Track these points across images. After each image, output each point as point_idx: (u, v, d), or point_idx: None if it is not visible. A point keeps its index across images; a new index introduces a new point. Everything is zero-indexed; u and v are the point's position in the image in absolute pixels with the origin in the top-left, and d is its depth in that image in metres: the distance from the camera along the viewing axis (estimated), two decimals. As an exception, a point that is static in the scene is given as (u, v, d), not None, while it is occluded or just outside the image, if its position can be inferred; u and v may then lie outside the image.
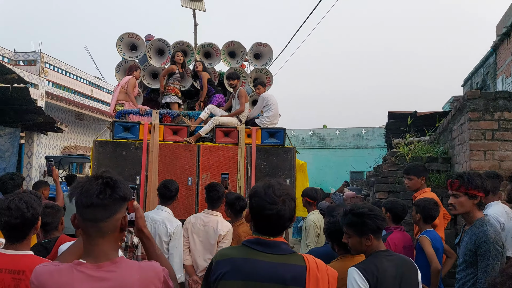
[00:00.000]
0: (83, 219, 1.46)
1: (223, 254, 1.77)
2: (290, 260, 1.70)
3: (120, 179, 1.52)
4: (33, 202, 2.07)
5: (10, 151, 6.27)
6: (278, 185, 1.77)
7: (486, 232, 2.54)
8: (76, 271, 1.41)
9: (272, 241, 1.73)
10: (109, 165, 5.22)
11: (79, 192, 1.45)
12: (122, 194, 1.48)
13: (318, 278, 1.68)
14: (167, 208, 3.67)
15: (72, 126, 16.05)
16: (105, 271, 1.42)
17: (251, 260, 1.68)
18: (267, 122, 5.97)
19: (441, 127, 6.10)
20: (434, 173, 5.37)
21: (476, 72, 14.00)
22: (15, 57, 13.58)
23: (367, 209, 2.34)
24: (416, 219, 3.56)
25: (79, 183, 1.48)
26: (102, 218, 1.44)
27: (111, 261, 1.45)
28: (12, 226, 2.00)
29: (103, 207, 1.44)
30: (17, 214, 2.00)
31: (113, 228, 1.47)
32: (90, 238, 1.46)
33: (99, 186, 1.44)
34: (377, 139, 23.39)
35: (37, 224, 2.10)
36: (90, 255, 1.46)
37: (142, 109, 5.95)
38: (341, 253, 2.68)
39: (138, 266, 1.51)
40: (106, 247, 1.46)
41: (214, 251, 3.74)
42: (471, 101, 4.53)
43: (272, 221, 1.72)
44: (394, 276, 2.19)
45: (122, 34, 6.75)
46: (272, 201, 1.71)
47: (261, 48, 7.11)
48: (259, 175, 5.50)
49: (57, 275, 1.41)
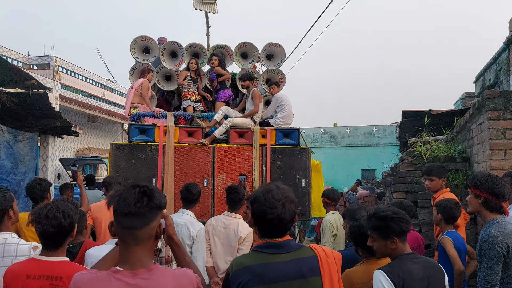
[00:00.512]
0: (121, 227, 1.49)
1: (238, 263, 1.78)
2: (301, 254, 1.78)
3: (156, 188, 1.56)
4: (70, 211, 2.10)
5: (29, 155, 6.35)
6: (277, 189, 1.83)
7: (488, 233, 2.57)
8: (114, 278, 1.44)
9: (281, 241, 1.80)
10: (126, 168, 5.27)
11: (117, 201, 1.49)
12: (158, 202, 1.52)
13: (329, 263, 1.79)
14: (189, 211, 3.68)
15: (85, 128, 16.22)
16: (141, 278, 1.45)
17: (268, 265, 1.73)
18: (281, 123, 5.96)
19: (458, 126, 6.03)
20: (453, 172, 5.31)
21: (488, 68, 13.82)
22: (29, 62, 13.76)
23: (391, 212, 2.32)
24: (437, 220, 3.53)
25: (117, 192, 1.51)
26: (139, 226, 1.47)
27: (146, 268, 1.48)
28: (49, 235, 2.03)
29: (140, 215, 1.47)
30: (55, 223, 2.03)
31: (148, 236, 1.50)
32: (126, 246, 1.49)
33: (136, 195, 1.48)
34: (388, 137, 23.22)
35: (73, 232, 2.13)
36: (126, 262, 1.48)
37: (157, 112, 5.99)
38: (365, 256, 2.66)
39: (172, 273, 1.53)
40: (141, 254, 1.49)
41: (235, 253, 3.75)
42: (491, 100, 4.47)
43: (274, 224, 1.78)
44: (421, 279, 2.17)
45: (136, 38, 6.80)
46: (272, 206, 1.77)
47: (273, 49, 7.11)
48: (274, 175, 5.50)
49: (96, 283, 1.44)
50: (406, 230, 2.34)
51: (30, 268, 1.99)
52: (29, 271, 1.98)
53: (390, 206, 2.58)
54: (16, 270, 2.00)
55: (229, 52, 7.12)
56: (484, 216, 2.71)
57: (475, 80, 15.62)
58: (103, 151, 16.53)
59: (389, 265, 2.27)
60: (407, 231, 2.35)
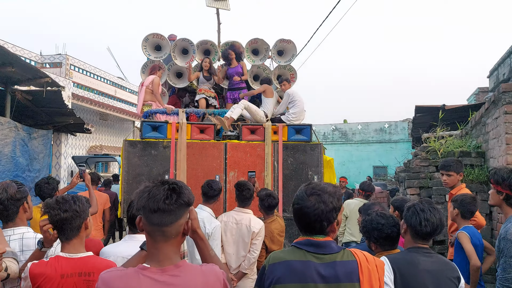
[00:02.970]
0: (150, 224, 1.49)
1: (277, 257, 1.75)
2: (341, 257, 1.71)
3: (184, 185, 1.55)
4: (81, 198, 2.12)
5: (43, 153, 6.42)
6: (316, 185, 1.79)
7: (507, 230, 2.53)
8: (142, 276, 1.44)
9: (322, 241, 1.73)
10: (138, 164, 5.30)
11: (146, 197, 1.48)
12: (187, 199, 1.52)
13: (369, 270, 1.70)
14: (208, 208, 3.69)
15: (97, 126, 16.36)
16: (170, 275, 1.46)
17: (306, 263, 1.68)
18: (293, 119, 5.94)
19: (473, 121, 5.94)
20: (468, 168, 5.23)
21: (502, 63, 13.56)
22: (41, 60, 13.90)
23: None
24: (453, 215, 3.48)
25: (146, 188, 1.51)
26: (168, 223, 1.48)
27: (174, 265, 1.49)
28: (63, 220, 2.02)
29: (169, 212, 1.47)
30: (65, 206, 2.02)
31: (176, 233, 1.51)
32: (155, 243, 1.50)
33: (165, 192, 1.48)
34: (400, 133, 23.03)
35: (86, 220, 2.12)
36: (154, 259, 1.49)
37: (168, 109, 6.00)
38: (378, 251, 2.65)
39: (200, 270, 1.53)
40: (169, 251, 1.50)
41: (248, 248, 3.76)
42: (507, 93, 4.39)
43: (307, 220, 1.73)
44: (427, 271, 2.17)
45: (147, 35, 6.82)
46: (301, 197, 1.75)
47: (284, 45, 7.08)
48: (286, 172, 5.49)
49: (124, 280, 1.44)
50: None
51: (62, 268, 1.98)
52: (63, 271, 1.97)
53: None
54: (48, 272, 1.97)
55: (240, 48, 7.10)
56: (505, 211, 2.67)
57: (489, 74, 15.36)
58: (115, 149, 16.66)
59: (396, 254, 2.35)
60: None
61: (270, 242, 3.95)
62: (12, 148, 5.53)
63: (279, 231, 4.02)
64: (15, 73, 5.25)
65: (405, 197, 3.76)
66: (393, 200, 3.71)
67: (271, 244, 3.95)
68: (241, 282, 3.77)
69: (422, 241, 2.30)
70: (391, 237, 2.58)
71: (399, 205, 3.47)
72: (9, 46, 11.71)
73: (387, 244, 2.60)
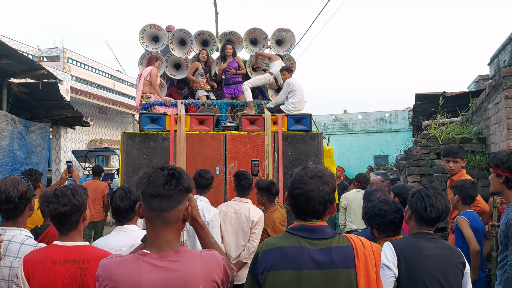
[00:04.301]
0: (149, 209, 1.49)
1: (269, 244, 1.70)
2: (336, 242, 1.66)
3: (183, 171, 1.56)
4: (79, 189, 2.08)
5: (41, 146, 6.38)
6: (314, 167, 1.75)
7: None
8: (141, 261, 1.45)
9: (317, 226, 1.68)
10: (137, 157, 5.27)
11: (145, 183, 1.49)
12: (186, 185, 1.52)
13: (365, 255, 1.65)
14: (203, 197, 3.68)
15: (96, 119, 16.31)
16: (169, 260, 1.46)
17: (299, 249, 1.63)
18: (292, 109, 5.91)
19: (473, 107, 5.90)
20: (469, 154, 5.21)
21: (503, 50, 13.47)
22: (39, 54, 13.81)
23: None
24: (454, 201, 3.46)
25: (145, 174, 1.51)
26: (167, 208, 1.48)
27: (174, 251, 1.49)
28: (61, 214, 1.99)
29: (169, 197, 1.47)
30: (64, 200, 1.99)
31: (176, 219, 1.51)
32: (154, 228, 1.50)
33: (165, 177, 1.48)
34: (400, 123, 22.97)
35: (85, 213, 2.09)
36: (154, 245, 1.50)
37: (167, 100, 5.97)
38: (381, 237, 2.65)
39: (200, 255, 1.54)
40: (169, 237, 1.50)
41: (247, 238, 3.75)
42: (508, 78, 4.35)
43: (300, 201, 1.68)
44: (431, 256, 2.15)
45: (144, 26, 6.75)
46: (302, 181, 1.68)
47: (283, 34, 7.02)
48: (286, 162, 5.46)
49: (124, 266, 1.44)
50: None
51: (53, 254, 1.95)
52: (54, 257, 1.94)
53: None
54: (39, 257, 1.95)
55: (238, 38, 7.04)
56: (507, 196, 2.65)
57: (489, 62, 15.27)
58: (115, 142, 16.63)
59: (400, 239, 2.35)
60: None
61: (272, 231, 3.94)
62: (10, 142, 5.51)
63: (280, 220, 4.01)
64: (10, 65, 5.20)
65: (405, 184, 3.74)
66: (393, 187, 3.70)
67: (273, 233, 3.94)
68: (241, 271, 3.76)
69: (426, 226, 2.28)
70: (393, 223, 2.57)
71: (400, 191, 3.45)
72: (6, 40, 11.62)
73: (389, 230, 2.59)
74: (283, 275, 1.60)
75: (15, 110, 6.23)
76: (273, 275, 1.61)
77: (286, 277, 1.60)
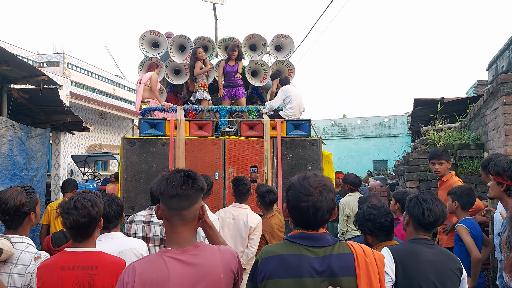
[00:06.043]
0: (169, 209, 1.61)
1: (269, 251, 1.68)
2: (337, 250, 1.64)
3: (197, 172, 1.70)
4: (97, 200, 2.11)
5: (41, 151, 6.39)
6: (314, 176, 1.71)
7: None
8: (166, 257, 1.55)
9: (317, 234, 1.67)
10: (137, 162, 5.29)
11: (164, 184, 1.61)
12: (201, 185, 1.66)
13: (367, 263, 1.63)
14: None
15: (96, 125, 16.31)
16: (191, 255, 1.58)
17: (299, 257, 1.61)
18: (290, 114, 5.94)
19: (472, 113, 5.93)
20: (467, 159, 5.22)
21: (501, 55, 13.52)
22: (38, 59, 13.82)
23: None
24: (453, 208, 3.46)
25: (163, 177, 1.64)
26: (185, 207, 1.60)
27: (193, 246, 1.61)
28: (80, 225, 2.03)
29: (186, 197, 1.60)
30: (84, 212, 2.03)
31: (193, 217, 1.64)
32: (173, 227, 1.62)
33: (182, 178, 1.61)
34: (399, 128, 23.02)
35: (100, 221, 2.13)
36: (174, 242, 1.61)
37: (167, 106, 5.99)
38: (375, 243, 2.66)
39: (217, 249, 1.68)
40: (187, 234, 1.63)
41: (246, 243, 3.75)
42: (506, 84, 4.38)
43: (309, 214, 1.64)
44: (428, 261, 2.17)
45: (144, 32, 6.80)
46: (308, 193, 1.64)
47: (282, 40, 7.07)
48: (285, 167, 5.48)
49: (150, 265, 1.54)
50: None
51: (64, 260, 2.00)
52: (64, 263, 1.99)
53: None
54: (50, 263, 2.01)
55: (239, 46, 7.08)
56: (507, 203, 2.65)
57: (488, 67, 15.33)
58: (114, 147, 16.62)
59: (397, 245, 2.38)
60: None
61: (270, 237, 3.95)
62: (10, 147, 5.52)
63: (279, 226, 4.01)
64: (10, 71, 5.22)
65: (406, 190, 3.80)
66: (394, 192, 3.72)
67: (272, 239, 3.95)
68: (240, 277, 3.76)
69: (424, 232, 2.30)
70: (384, 226, 2.60)
71: (401, 197, 3.47)
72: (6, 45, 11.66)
73: (382, 234, 2.61)
74: (283, 283, 1.59)
75: (15, 115, 6.25)
76: (272, 284, 1.61)
77: (286, 285, 1.59)
